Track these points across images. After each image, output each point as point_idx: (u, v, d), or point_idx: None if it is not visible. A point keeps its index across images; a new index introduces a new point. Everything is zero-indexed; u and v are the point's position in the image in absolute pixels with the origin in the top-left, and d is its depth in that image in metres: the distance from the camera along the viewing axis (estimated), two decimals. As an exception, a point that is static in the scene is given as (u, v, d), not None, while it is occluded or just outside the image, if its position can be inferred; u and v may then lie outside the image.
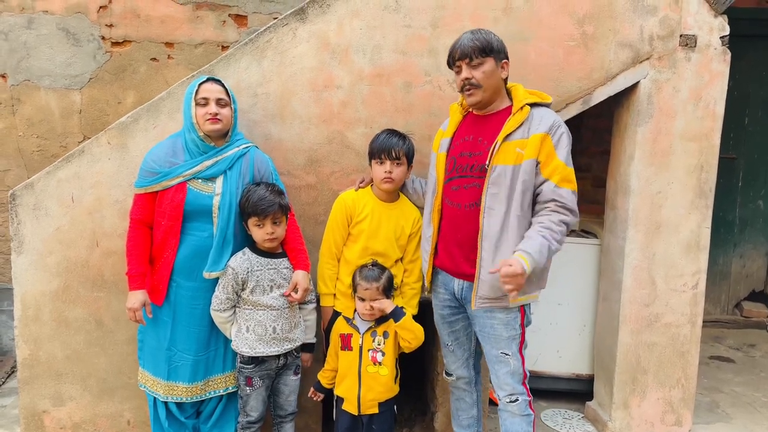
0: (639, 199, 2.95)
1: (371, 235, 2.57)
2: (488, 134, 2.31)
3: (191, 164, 2.41)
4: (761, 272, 4.95)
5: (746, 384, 3.83)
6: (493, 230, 2.25)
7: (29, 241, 2.73)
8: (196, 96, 2.41)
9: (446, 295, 2.50)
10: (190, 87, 2.46)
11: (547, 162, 2.22)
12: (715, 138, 2.94)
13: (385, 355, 2.46)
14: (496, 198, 2.25)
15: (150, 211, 2.44)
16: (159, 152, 2.45)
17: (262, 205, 2.36)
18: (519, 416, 2.38)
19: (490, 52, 2.25)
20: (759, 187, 4.83)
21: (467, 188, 2.33)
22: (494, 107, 2.36)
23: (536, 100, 2.31)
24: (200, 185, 2.42)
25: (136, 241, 2.44)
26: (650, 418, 3.10)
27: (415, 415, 3.24)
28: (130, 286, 2.43)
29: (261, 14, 3.77)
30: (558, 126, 2.25)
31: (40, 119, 3.74)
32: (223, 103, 2.43)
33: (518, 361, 2.36)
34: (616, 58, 2.84)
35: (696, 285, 3.02)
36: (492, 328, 2.36)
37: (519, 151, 2.23)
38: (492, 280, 2.24)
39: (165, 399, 2.50)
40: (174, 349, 2.47)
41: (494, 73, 2.27)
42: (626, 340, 3.04)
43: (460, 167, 2.36)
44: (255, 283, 2.42)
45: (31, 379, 2.81)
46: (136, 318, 2.42)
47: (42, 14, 3.65)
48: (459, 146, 2.39)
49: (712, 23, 2.86)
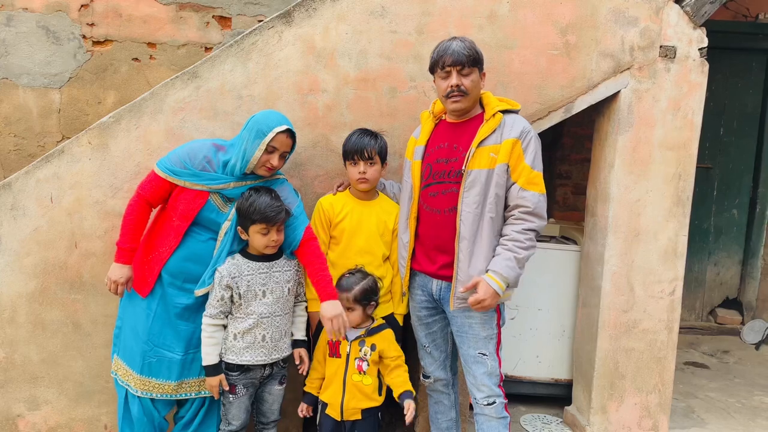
0: (618, 207, 2.99)
1: (352, 233, 2.59)
2: (463, 141, 2.39)
3: (222, 180, 2.38)
4: (735, 280, 5.05)
5: (720, 390, 3.90)
6: (469, 232, 2.33)
7: (6, 242, 2.68)
8: (270, 142, 2.33)
9: (423, 296, 2.53)
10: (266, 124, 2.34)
11: (515, 166, 2.31)
12: (693, 147, 3.00)
13: (369, 366, 2.46)
14: (471, 201, 2.32)
15: (159, 196, 2.41)
16: (199, 152, 2.40)
17: (271, 213, 2.29)
18: (495, 419, 2.41)
19: (477, 62, 2.33)
20: (733, 196, 4.93)
21: (445, 194, 2.39)
22: (468, 115, 2.44)
23: (507, 107, 2.40)
24: (219, 201, 2.41)
25: (136, 215, 2.41)
26: (628, 423, 3.14)
27: (396, 420, 3.23)
28: (118, 257, 2.40)
29: (245, 16, 3.75)
30: (528, 131, 2.34)
31: (18, 118, 3.68)
32: (283, 155, 2.43)
33: (495, 362, 2.41)
34: (598, 67, 2.89)
35: (673, 292, 3.07)
36: (470, 327, 2.40)
37: (493, 156, 2.31)
38: (468, 280, 2.31)
39: (138, 394, 2.43)
40: (151, 344, 2.42)
41: (478, 83, 2.37)
42: (605, 345, 3.08)
43: (437, 173, 2.42)
44: (246, 288, 2.38)
45: (6, 382, 2.76)
46: (116, 291, 2.41)
47: (22, 11, 3.59)
48: (434, 153, 2.45)
49: (691, 35, 2.92)
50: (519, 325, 3.41)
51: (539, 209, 2.31)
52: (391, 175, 2.83)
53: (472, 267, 2.32)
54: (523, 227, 2.29)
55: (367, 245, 2.60)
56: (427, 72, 2.74)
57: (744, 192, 4.93)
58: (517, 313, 3.41)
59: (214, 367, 2.39)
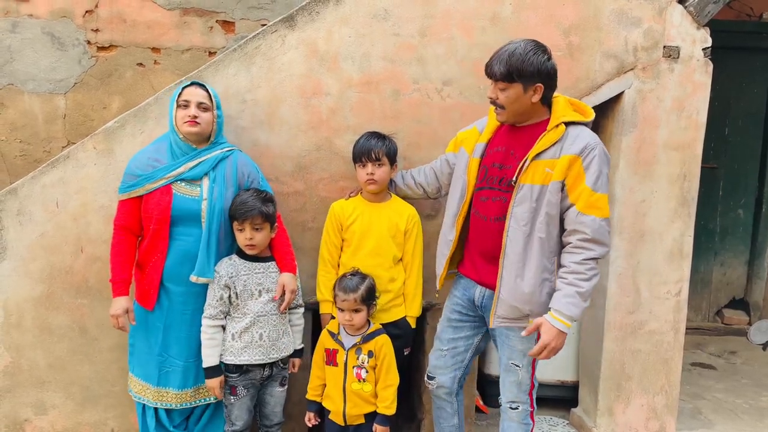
0: (623, 208, 2.98)
1: (363, 235, 2.60)
2: (520, 148, 2.23)
3: (173, 166, 2.40)
4: (741, 280, 5.02)
5: (728, 390, 3.88)
6: (515, 250, 2.19)
7: (12, 247, 2.69)
8: (179, 98, 2.41)
9: (462, 300, 2.45)
10: (176, 90, 2.46)
11: (574, 186, 2.13)
12: (698, 148, 2.99)
13: (368, 372, 2.45)
14: (520, 218, 2.18)
15: (134, 218, 2.43)
16: (141, 157, 2.45)
17: (241, 209, 2.36)
18: (517, 423, 2.37)
19: (518, 77, 2.12)
20: (739, 196, 4.90)
21: (495, 201, 2.27)
22: (530, 120, 2.26)
23: (576, 117, 2.20)
24: (185, 189, 2.41)
25: (120, 247, 2.43)
26: (634, 425, 3.13)
27: (402, 422, 3.23)
28: (114, 292, 2.41)
29: (249, 21, 3.76)
30: (592, 148, 2.13)
31: (24, 124, 3.70)
32: (204, 107, 2.42)
33: (528, 373, 2.33)
34: (602, 68, 2.88)
35: (679, 292, 3.06)
36: (507, 338, 2.33)
37: (548, 171, 2.14)
38: (511, 302, 2.22)
39: (154, 405, 2.46)
40: (165, 355, 2.44)
41: (519, 99, 2.16)
42: (611, 347, 3.07)
43: (490, 179, 2.30)
44: (242, 288, 2.41)
45: (13, 387, 2.77)
46: (119, 325, 2.40)
47: (27, 18, 3.61)
48: (491, 155, 2.33)
49: (694, 35, 2.91)
50: (524, 326, 3.40)
51: (600, 235, 2.11)
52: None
53: (517, 289, 2.20)
54: (583, 257, 2.11)
55: (377, 247, 2.60)
56: (431, 74, 2.76)
57: (749, 192, 4.90)
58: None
59: (215, 369, 2.41)
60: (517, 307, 2.22)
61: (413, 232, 2.65)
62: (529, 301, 2.21)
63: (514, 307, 2.22)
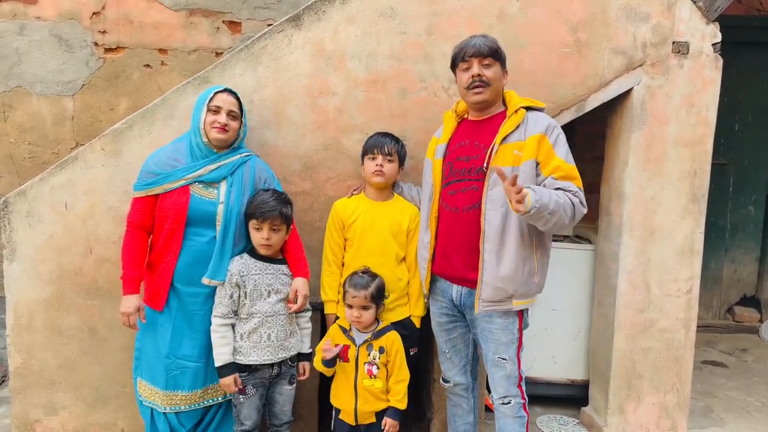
0: (633, 205, 2.96)
1: (364, 233, 2.59)
2: (485, 138, 2.34)
3: (193, 167, 2.41)
4: (752, 277, 4.98)
5: (739, 388, 3.85)
6: (494, 232, 2.27)
7: (22, 249, 2.70)
8: (210, 102, 2.41)
9: (444, 302, 2.51)
10: (205, 92, 2.46)
11: (546, 161, 2.24)
12: (708, 144, 2.96)
13: (380, 369, 2.45)
14: (496, 200, 2.25)
15: (148, 216, 2.42)
16: (161, 155, 2.45)
17: (262, 209, 2.37)
18: (512, 417, 2.40)
19: (498, 57, 2.32)
20: (749, 192, 4.87)
21: (465, 192, 2.35)
22: (490, 111, 2.40)
23: (531, 104, 2.36)
24: (202, 191, 2.41)
25: (132, 245, 2.42)
26: (645, 423, 3.10)
27: (411, 421, 3.23)
28: (124, 290, 2.40)
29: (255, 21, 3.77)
30: (554, 126, 2.29)
31: (32, 126, 3.72)
32: (233, 115, 2.44)
33: (514, 365, 2.38)
34: (610, 64, 2.86)
35: (690, 290, 3.03)
36: (491, 332, 2.37)
37: (517, 153, 2.25)
38: (495, 283, 2.27)
39: (164, 409, 2.46)
40: (173, 357, 2.44)
41: (500, 78, 2.35)
42: (621, 345, 3.05)
43: (457, 171, 2.38)
44: (252, 287, 2.41)
45: (23, 388, 2.78)
46: (130, 323, 2.40)
47: (34, 20, 3.63)
48: (455, 151, 2.42)
49: (704, 30, 2.89)
50: (534, 325, 3.37)
51: (581, 198, 2.23)
52: (404, 178, 2.82)
53: (501, 268, 2.27)
54: (568, 196, 2.19)
55: (379, 245, 2.59)
56: (438, 73, 2.74)
57: (760, 188, 4.87)
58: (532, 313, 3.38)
59: (228, 367, 2.40)
60: (501, 288, 2.27)
61: (416, 231, 2.64)
62: (512, 280, 2.27)
63: (498, 288, 2.28)
